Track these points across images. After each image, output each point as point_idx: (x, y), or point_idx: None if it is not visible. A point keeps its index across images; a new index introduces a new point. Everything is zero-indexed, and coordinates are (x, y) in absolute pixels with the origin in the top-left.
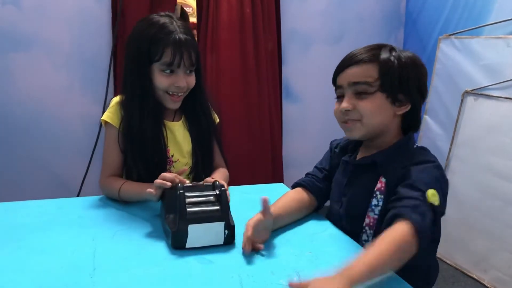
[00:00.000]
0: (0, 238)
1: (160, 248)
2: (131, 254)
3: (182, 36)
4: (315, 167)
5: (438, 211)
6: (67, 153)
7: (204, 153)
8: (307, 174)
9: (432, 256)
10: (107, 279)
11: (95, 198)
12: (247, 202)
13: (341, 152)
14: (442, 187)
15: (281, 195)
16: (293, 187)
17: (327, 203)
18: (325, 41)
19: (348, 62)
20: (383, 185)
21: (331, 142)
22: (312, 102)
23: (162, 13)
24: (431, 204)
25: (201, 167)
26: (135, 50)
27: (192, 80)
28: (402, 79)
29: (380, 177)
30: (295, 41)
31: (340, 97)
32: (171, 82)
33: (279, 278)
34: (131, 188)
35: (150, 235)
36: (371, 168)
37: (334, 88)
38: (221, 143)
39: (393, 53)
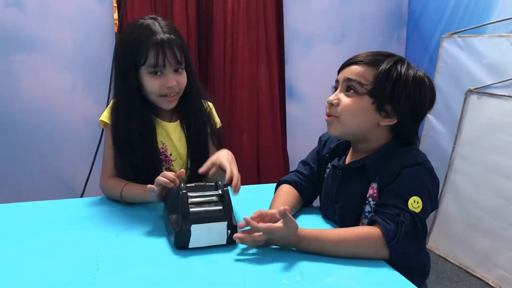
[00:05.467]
0: (3, 239)
1: (163, 248)
2: (134, 254)
3: (164, 36)
4: (301, 162)
5: (420, 217)
6: (70, 154)
7: (200, 156)
8: (292, 171)
9: (424, 253)
10: (110, 280)
11: (99, 198)
12: (249, 202)
13: (331, 156)
14: (430, 191)
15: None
16: (279, 183)
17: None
18: (327, 41)
19: (352, 59)
20: (375, 191)
21: (320, 137)
22: (315, 101)
23: (147, 17)
24: (412, 212)
25: (196, 169)
26: (121, 56)
27: (183, 79)
28: (396, 92)
29: (371, 183)
30: (298, 41)
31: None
32: (161, 83)
33: (282, 278)
34: (134, 190)
35: (153, 235)
36: (361, 172)
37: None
38: (222, 146)
39: (399, 67)
